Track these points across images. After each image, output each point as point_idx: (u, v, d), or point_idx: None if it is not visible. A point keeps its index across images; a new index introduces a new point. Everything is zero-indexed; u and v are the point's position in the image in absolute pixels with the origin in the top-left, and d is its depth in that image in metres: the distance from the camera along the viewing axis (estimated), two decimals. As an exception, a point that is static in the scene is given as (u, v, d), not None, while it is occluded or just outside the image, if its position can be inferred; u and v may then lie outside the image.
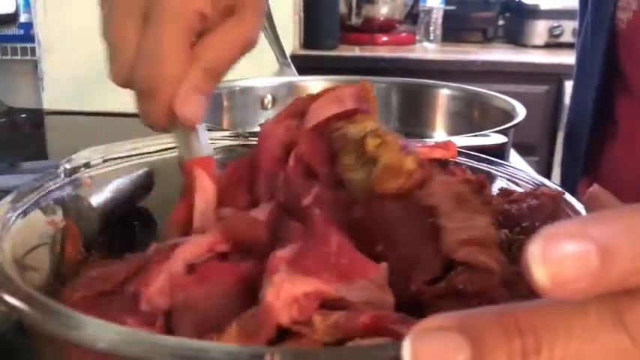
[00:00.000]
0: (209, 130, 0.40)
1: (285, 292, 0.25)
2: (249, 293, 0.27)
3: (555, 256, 0.17)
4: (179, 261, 0.29)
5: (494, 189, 0.42)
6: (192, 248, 0.30)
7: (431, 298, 0.29)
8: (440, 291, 0.29)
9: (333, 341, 0.25)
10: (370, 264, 0.28)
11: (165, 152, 0.45)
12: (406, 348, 0.18)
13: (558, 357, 0.17)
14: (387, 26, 2.03)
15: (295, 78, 0.97)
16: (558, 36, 2.02)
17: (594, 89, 0.63)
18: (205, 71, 0.35)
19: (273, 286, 0.25)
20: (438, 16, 2.17)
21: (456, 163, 0.44)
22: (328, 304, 0.26)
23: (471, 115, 0.90)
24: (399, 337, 0.24)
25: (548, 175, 1.35)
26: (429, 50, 2.07)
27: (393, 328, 0.25)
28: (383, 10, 2.01)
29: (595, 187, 0.31)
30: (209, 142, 0.39)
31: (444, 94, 0.93)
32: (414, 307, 0.27)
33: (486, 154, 0.40)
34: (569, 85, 1.79)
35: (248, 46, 0.37)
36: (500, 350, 0.17)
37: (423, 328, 0.18)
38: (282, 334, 0.26)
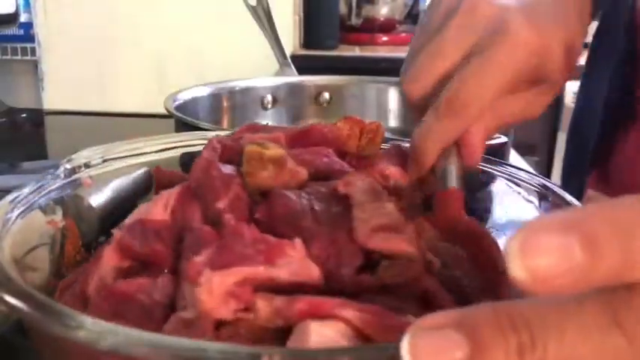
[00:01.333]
0: (209, 130, 0.40)
1: (218, 287, 0.26)
2: (148, 308, 0.28)
3: (534, 250, 0.16)
4: (107, 267, 0.30)
5: (495, 189, 0.42)
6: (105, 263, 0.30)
7: (369, 293, 0.29)
8: (373, 287, 0.29)
9: (273, 327, 0.26)
10: (285, 242, 0.28)
11: (165, 152, 0.45)
12: (405, 346, 0.18)
13: (552, 354, 0.17)
14: (387, 26, 2.03)
15: (295, 78, 0.97)
16: (558, 36, 2.01)
17: (611, 75, 0.63)
18: (497, 120, 0.39)
19: (202, 285, 0.26)
20: (438, 16, 2.17)
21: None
22: (261, 289, 0.27)
23: (471, 114, 0.89)
24: (346, 322, 0.25)
25: (548, 175, 1.35)
26: (429, 50, 2.07)
27: (335, 313, 0.25)
28: (383, 10, 2.01)
29: (592, 193, 0.31)
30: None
31: (444, 93, 0.93)
32: (353, 297, 0.27)
33: (486, 154, 0.40)
34: (569, 85, 1.80)
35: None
36: (498, 346, 0.17)
37: (421, 326, 0.18)
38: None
